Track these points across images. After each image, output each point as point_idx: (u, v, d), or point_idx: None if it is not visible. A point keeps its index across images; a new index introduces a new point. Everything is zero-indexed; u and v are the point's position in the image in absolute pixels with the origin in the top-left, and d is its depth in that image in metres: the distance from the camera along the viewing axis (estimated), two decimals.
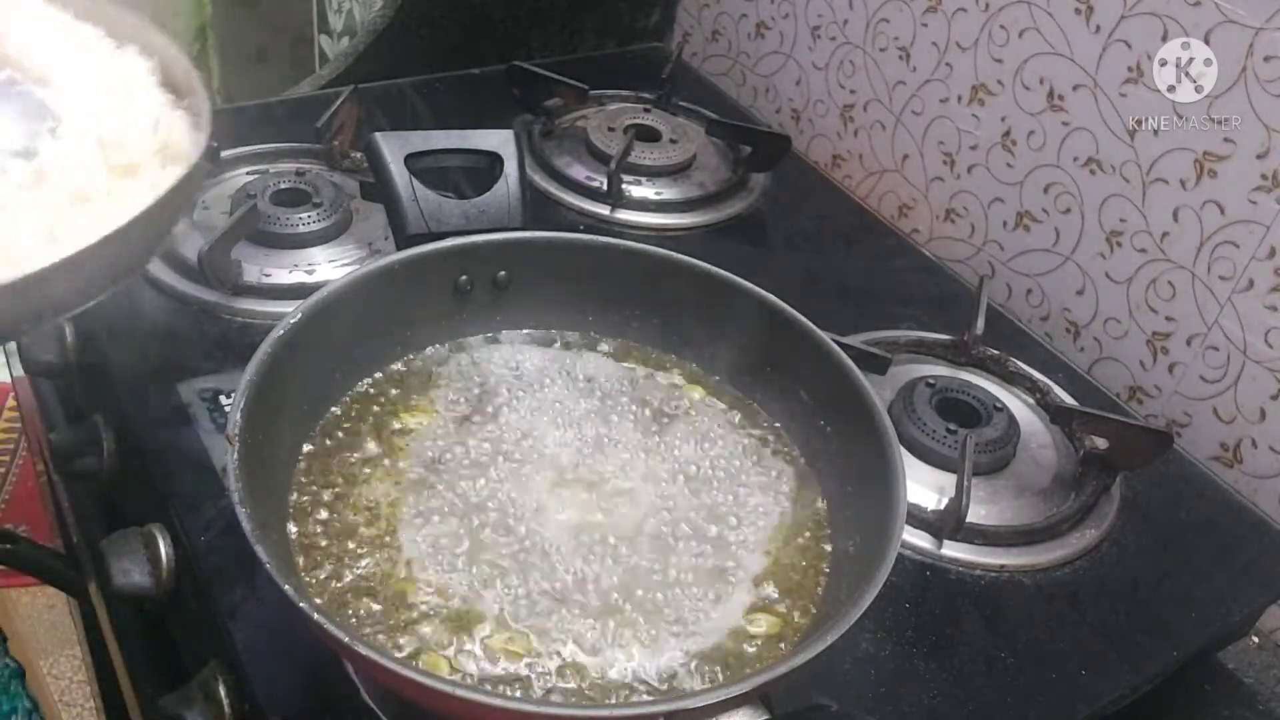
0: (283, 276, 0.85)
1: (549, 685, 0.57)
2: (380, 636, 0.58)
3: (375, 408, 0.71)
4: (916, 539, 0.74)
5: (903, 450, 0.65)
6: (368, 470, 0.67)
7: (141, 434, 0.74)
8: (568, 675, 0.58)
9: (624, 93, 1.18)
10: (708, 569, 0.65)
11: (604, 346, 0.79)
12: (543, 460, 0.69)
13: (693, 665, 0.60)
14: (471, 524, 0.64)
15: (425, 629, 0.58)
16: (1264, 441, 0.87)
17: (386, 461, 0.67)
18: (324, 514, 0.63)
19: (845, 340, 0.76)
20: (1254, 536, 0.82)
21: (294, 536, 0.62)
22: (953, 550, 0.74)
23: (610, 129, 1.09)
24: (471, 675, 0.57)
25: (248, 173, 0.96)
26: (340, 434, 0.69)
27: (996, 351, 0.90)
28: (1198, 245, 0.88)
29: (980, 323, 0.90)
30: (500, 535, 0.64)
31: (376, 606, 0.59)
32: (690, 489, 0.69)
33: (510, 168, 0.77)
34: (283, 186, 0.91)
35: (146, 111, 0.60)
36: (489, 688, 0.56)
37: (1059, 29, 0.93)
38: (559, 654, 0.59)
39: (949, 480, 0.77)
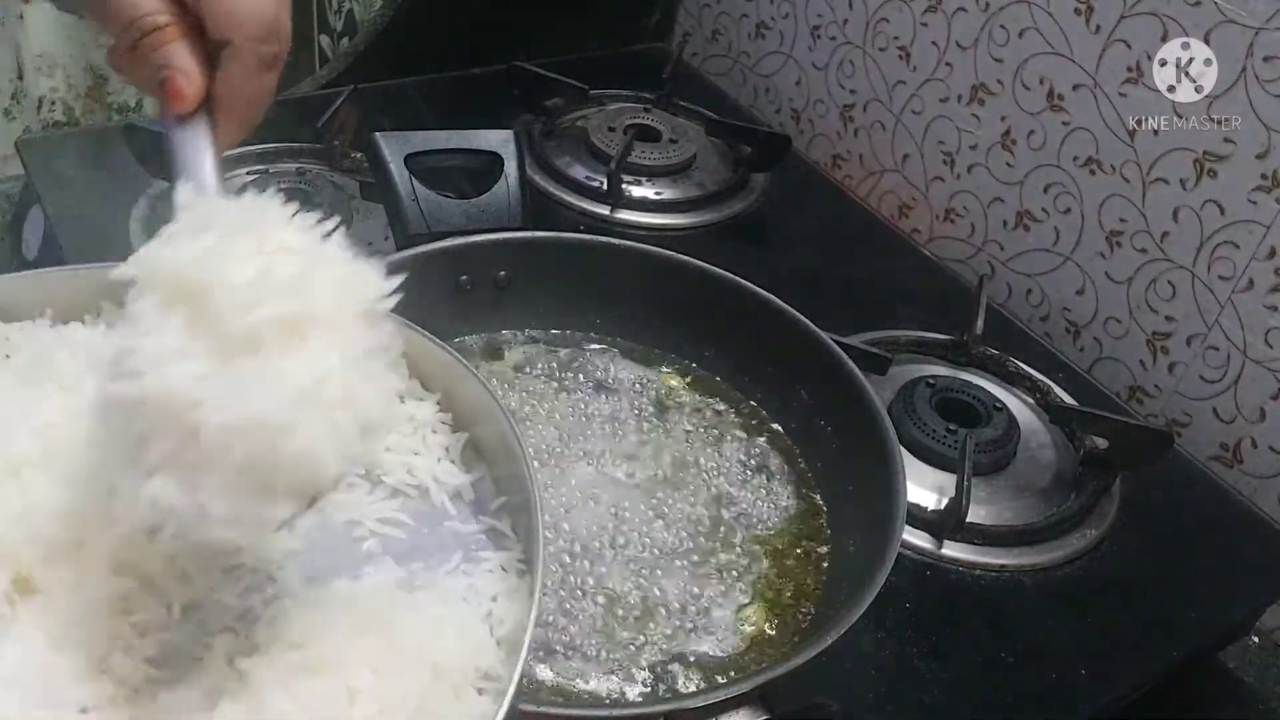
0: None
1: (549, 685, 0.57)
2: None
3: None
4: (916, 539, 0.74)
5: (903, 450, 0.66)
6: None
7: None
8: (567, 675, 0.58)
9: (624, 93, 1.18)
10: (708, 568, 0.65)
11: (604, 346, 0.79)
12: (542, 460, 0.69)
13: (693, 665, 0.60)
14: None
15: None
16: (1264, 441, 0.87)
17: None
18: None
19: (845, 340, 0.76)
20: (1254, 536, 0.82)
21: None
22: (953, 550, 0.74)
23: (610, 129, 1.09)
24: None
25: (248, 173, 0.96)
26: None
27: (996, 351, 0.90)
28: (1198, 245, 0.88)
29: (980, 323, 0.90)
30: None
31: None
32: (690, 488, 0.69)
33: (510, 168, 0.77)
34: (283, 186, 0.91)
35: None
36: None
37: (1059, 29, 0.93)
38: (559, 654, 0.59)
39: (949, 480, 0.77)
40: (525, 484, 0.45)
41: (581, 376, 0.76)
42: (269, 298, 0.37)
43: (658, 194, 1.04)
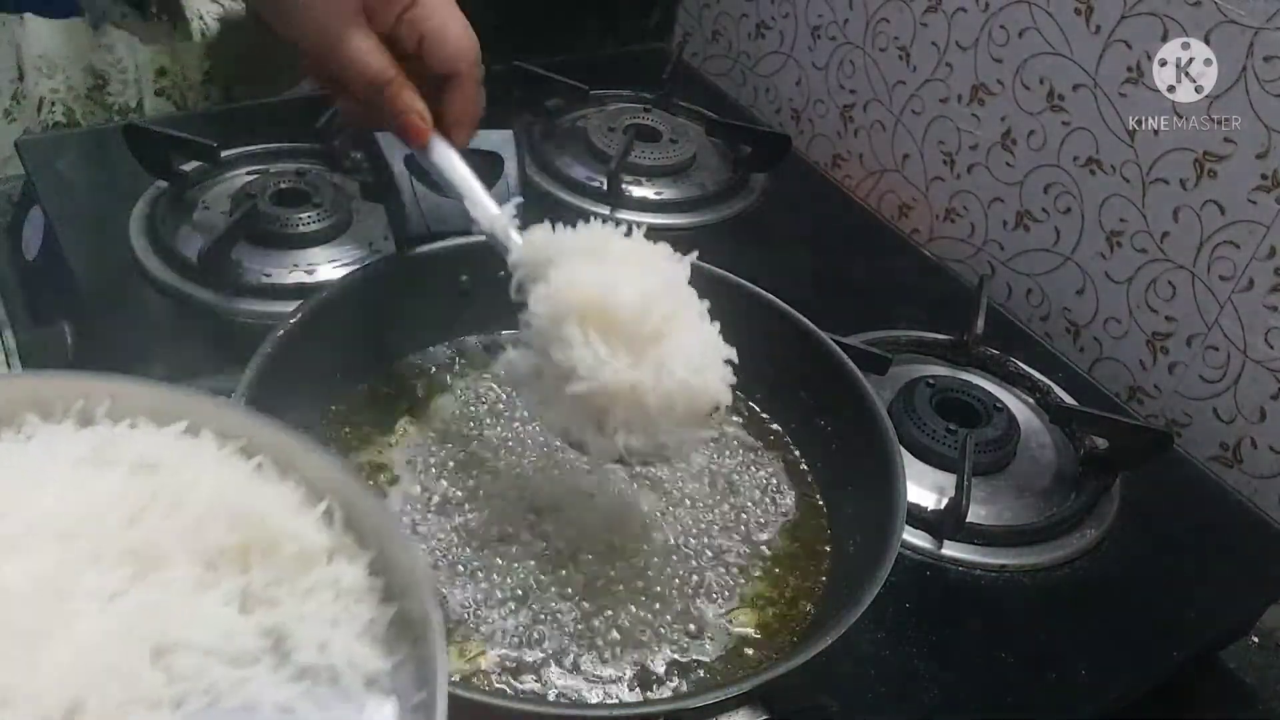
0: (283, 276, 0.85)
1: (548, 684, 0.57)
2: None
3: (376, 407, 0.71)
4: (916, 539, 0.74)
5: (903, 450, 0.66)
6: (369, 469, 0.67)
7: None
8: (565, 675, 0.58)
9: (624, 93, 1.18)
10: (708, 568, 0.65)
11: None
12: (541, 459, 0.69)
13: (693, 665, 0.60)
14: (475, 526, 0.64)
15: None
16: (1264, 441, 0.87)
17: (387, 460, 0.67)
18: None
19: (845, 340, 0.76)
20: (1254, 536, 0.82)
21: None
22: (953, 550, 0.74)
23: (610, 129, 1.09)
24: (470, 674, 0.57)
25: (248, 173, 0.96)
26: (341, 433, 0.69)
27: (996, 351, 0.90)
28: (1198, 245, 0.88)
29: (980, 323, 0.90)
30: (505, 537, 0.64)
31: None
32: (690, 489, 0.69)
33: (510, 168, 0.77)
34: (283, 186, 0.91)
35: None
36: (487, 687, 0.56)
37: (1059, 29, 0.93)
38: (557, 652, 0.59)
39: (949, 480, 0.77)
40: (432, 683, 0.38)
41: None
42: (656, 303, 0.56)
43: (658, 194, 1.04)
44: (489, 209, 0.63)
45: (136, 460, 0.44)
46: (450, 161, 0.65)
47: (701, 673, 0.59)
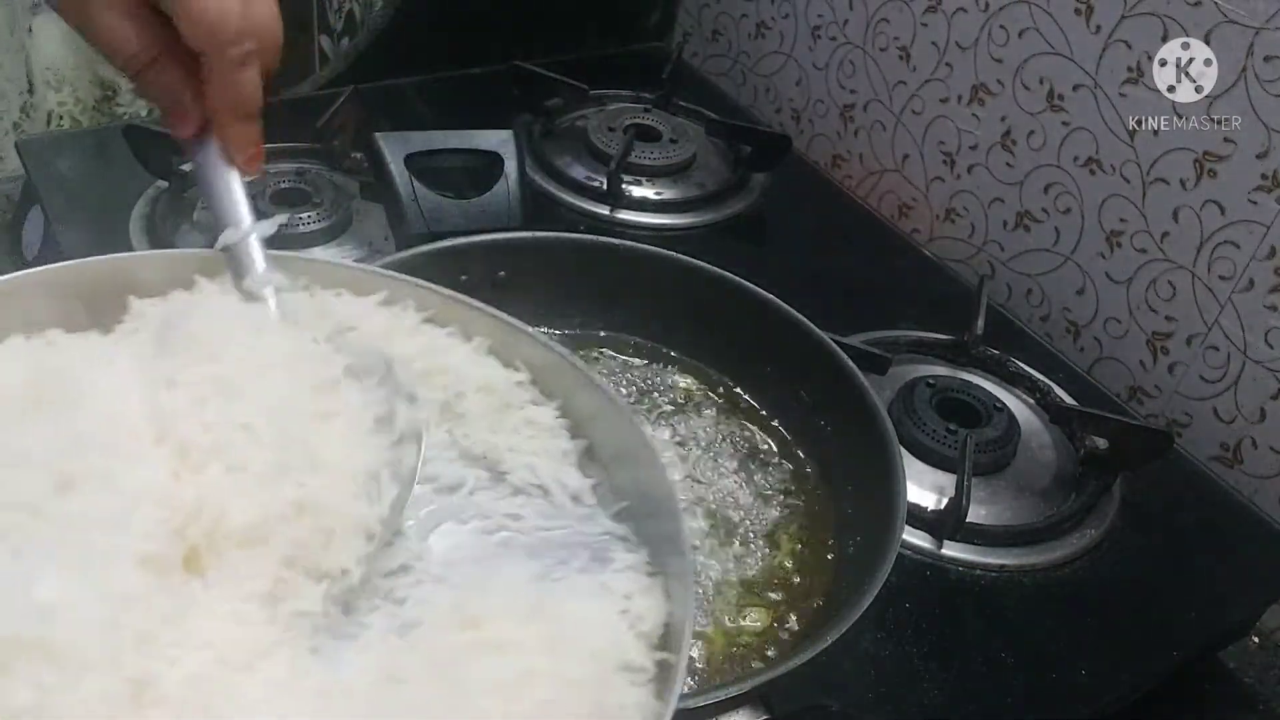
0: None
1: None
2: None
3: None
4: (916, 539, 0.74)
5: (903, 450, 0.66)
6: None
7: None
8: None
9: (624, 93, 1.18)
10: (707, 569, 0.65)
11: (604, 346, 0.79)
12: None
13: (693, 665, 0.60)
14: None
15: None
16: (1264, 441, 0.87)
17: None
18: None
19: (845, 340, 0.76)
20: (1254, 536, 0.82)
21: None
22: (953, 550, 0.74)
23: (610, 129, 1.09)
24: None
25: None
26: None
27: (996, 351, 0.90)
28: (1198, 245, 0.88)
29: (980, 323, 0.90)
30: None
31: None
32: (690, 488, 0.69)
33: (510, 168, 0.77)
34: (283, 186, 0.91)
35: None
36: None
37: (1059, 29, 0.93)
38: None
39: (949, 480, 0.77)
40: (663, 486, 0.46)
41: None
42: None
43: (658, 194, 1.04)
44: (241, 221, 0.50)
45: (334, 325, 0.49)
46: (215, 168, 0.51)
47: (700, 672, 0.59)
